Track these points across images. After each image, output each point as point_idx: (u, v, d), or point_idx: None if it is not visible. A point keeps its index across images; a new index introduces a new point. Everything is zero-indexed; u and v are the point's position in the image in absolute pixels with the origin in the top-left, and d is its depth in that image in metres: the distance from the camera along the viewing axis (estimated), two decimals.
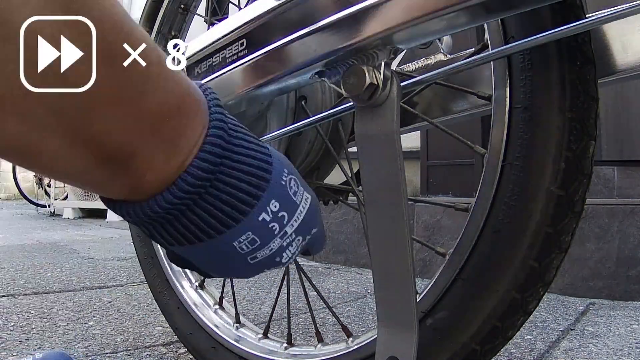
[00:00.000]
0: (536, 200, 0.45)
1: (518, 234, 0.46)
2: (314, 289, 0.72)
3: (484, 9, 0.37)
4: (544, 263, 0.46)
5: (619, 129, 1.76)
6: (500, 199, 0.47)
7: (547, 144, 0.45)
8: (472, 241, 0.48)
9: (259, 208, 0.30)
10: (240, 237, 0.30)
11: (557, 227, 0.45)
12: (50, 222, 4.13)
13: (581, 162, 0.45)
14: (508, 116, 0.47)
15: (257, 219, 0.30)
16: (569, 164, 0.45)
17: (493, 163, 0.48)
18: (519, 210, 0.46)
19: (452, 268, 0.49)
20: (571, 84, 0.44)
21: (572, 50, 0.44)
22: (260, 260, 0.32)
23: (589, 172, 0.46)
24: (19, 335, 0.95)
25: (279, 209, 0.31)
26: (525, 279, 0.46)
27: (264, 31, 0.46)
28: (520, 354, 0.91)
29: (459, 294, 0.49)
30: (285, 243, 0.33)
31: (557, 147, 0.45)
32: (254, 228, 0.30)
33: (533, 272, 0.46)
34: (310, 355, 0.66)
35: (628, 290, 1.37)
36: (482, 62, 0.45)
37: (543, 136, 0.45)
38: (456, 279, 0.49)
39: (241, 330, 0.76)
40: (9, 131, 0.21)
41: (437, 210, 1.77)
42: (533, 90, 0.46)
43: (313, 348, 0.66)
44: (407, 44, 0.43)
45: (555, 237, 0.45)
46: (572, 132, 0.44)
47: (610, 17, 0.37)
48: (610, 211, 1.43)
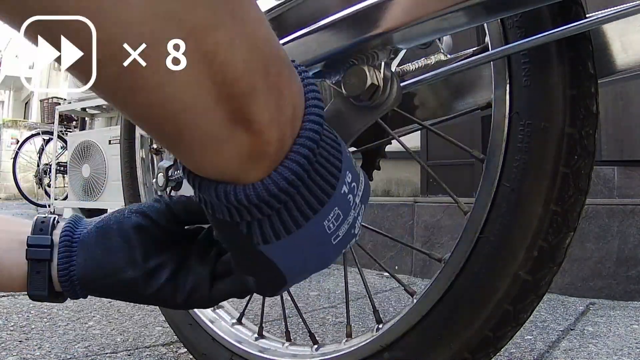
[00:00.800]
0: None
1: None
2: (289, 295, 0.72)
3: (484, 9, 0.37)
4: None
5: (619, 129, 1.76)
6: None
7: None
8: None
9: (341, 180, 0.29)
10: (330, 215, 0.29)
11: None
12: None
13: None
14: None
15: (341, 191, 0.29)
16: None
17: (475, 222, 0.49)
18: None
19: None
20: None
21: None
22: (341, 239, 0.32)
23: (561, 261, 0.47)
24: (19, 335, 0.95)
25: (352, 179, 0.31)
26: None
27: None
28: (520, 354, 0.91)
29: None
30: (357, 214, 0.32)
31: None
32: (339, 202, 0.29)
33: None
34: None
35: (628, 290, 1.37)
36: (482, 62, 0.45)
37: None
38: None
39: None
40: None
41: (437, 210, 1.77)
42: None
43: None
44: (407, 44, 0.43)
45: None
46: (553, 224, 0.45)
47: (610, 17, 0.37)
48: (610, 211, 1.43)
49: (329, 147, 0.29)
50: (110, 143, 3.87)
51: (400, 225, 1.91)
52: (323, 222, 0.29)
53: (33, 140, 5.55)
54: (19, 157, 5.54)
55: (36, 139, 5.50)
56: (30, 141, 5.58)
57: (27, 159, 5.67)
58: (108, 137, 3.87)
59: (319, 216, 0.29)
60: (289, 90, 0.26)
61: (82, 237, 0.40)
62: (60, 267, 0.39)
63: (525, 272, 0.45)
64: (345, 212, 0.30)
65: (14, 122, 8.01)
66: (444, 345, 0.49)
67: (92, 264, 0.39)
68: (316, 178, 0.28)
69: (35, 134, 5.55)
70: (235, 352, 0.71)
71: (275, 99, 0.25)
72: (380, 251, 1.89)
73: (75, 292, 0.40)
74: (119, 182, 1.05)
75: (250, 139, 0.24)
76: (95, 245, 0.39)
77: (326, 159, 0.28)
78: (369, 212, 1.99)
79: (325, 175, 0.28)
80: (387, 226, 1.94)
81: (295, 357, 0.66)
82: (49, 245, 0.39)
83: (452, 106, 0.68)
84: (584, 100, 0.44)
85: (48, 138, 5.29)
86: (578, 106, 0.44)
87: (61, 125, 5.13)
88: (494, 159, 0.48)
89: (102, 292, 0.40)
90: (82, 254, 0.39)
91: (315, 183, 0.28)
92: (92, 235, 0.40)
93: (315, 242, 0.30)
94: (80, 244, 0.39)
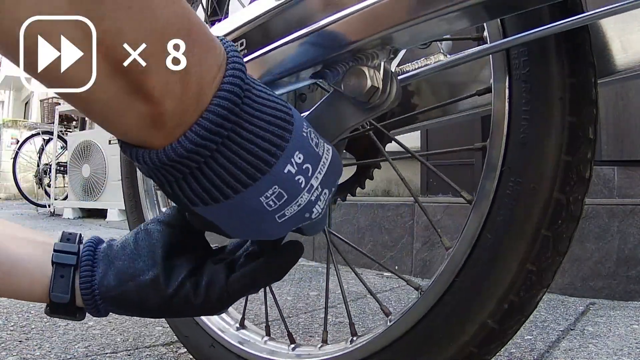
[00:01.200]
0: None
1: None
2: (272, 294, 0.73)
3: (484, 9, 0.37)
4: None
5: (619, 129, 1.76)
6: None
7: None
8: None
9: (284, 159, 0.29)
10: (267, 192, 0.30)
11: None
12: (50, 222, 4.13)
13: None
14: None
15: (283, 170, 0.30)
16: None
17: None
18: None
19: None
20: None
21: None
22: (288, 218, 0.32)
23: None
24: (19, 335, 0.95)
25: (304, 160, 0.31)
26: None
27: (263, 31, 0.46)
28: (520, 354, 0.91)
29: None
30: (313, 197, 0.32)
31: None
32: (280, 181, 0.30)
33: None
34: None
35: (628, 290, 1.37)
36: (480, 55, 0.45)
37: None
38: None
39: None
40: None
41: (437, 210, 1.77)
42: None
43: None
44: (407, 44, 0.43)
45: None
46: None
47: (608, 13, 0.37)
48: (610, 211, 1.43)
49: (263, 123, 0.29)
50: (110, 143, 3.87)
51: (400, 225, 1.91)
52: (259, 198, 0.30)
53: (33, 140, 5.55)
54: (19, 157, 5.54)
55: (36, 139, 5.50)
56: (30, 141, 5.58)
57: (27, 159, 5.67)
58: (108, 137, 3.87)
59: (251, 191, 0.29)
60: (199, 69, 0.27)
61: (103, 251, 0.41)
62: (82, 274, 0.40)
63: (494, 322, 0.46)
64: (291, 193, 0.30)
65: (14, 122, 8.01)
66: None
67: (113, 271, 0.40)
68: (240, 152, 0.28)
69: (35, 134, 5.55)
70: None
71: (180, 78, 0.26)
72: (380, 251, 1.90)
73: (96, 304, 0.41)
74: (119, 182, 1.05)
75: (146, 108, 0.26)
76: (115, 255, 0.41)
77: (255, 134, 0.29)
78: (369, 212, 2.00)
79: (254, 150, 0.29)
80: (387, 226, 1.94)
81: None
82: (75, 252, 0.41)
83: (451, 106, 0.68)
84: (577, 166, 0.44)
85: (48, 138, 5.29)
86: (571, 172, 0.44)
87: (61, 125, 5.14)
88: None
89: (121, 302, 0.40)
90: (103, 264, 0.41)
91: (240, 156, 0.28)
92: (113, 247, 0.41)
93: (253, 216, 0.31)
94: (102, 256, 0.41)
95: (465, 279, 0.48)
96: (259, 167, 0.29)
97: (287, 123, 0.30)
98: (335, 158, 0.35)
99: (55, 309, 0.40)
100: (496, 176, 0.47)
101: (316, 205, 0.33)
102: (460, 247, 0.50)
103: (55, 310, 0.41)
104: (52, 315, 0.41)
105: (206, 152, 0.28)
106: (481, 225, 0.48)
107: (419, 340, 0.51)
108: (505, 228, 0.46)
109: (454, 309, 0.49)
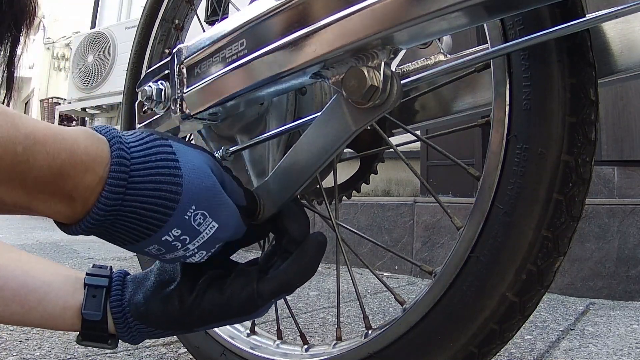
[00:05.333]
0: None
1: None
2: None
3: (484, 9, 0.37)
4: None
5: (619, 129, 1.76)
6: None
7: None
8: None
9: (160, 233, 0.38)
10: (149, 247, 0.39)
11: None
12: (50, 221, 4.09)
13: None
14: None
15: (161, 238, 0.38)
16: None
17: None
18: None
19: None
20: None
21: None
22: (168, 259, 0.42)
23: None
24: (19, 335, 0.95)
25: (181, 234, 0.39)
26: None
27: (264, 31, 0.46)
28: (520, 354, 0.91)
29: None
30: (188, 254, 0.41)
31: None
32: (159, 243, 0.39)
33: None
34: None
35: (628, 290, 1.37)
36: (481, 60, 0.45)
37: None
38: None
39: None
40: None
41: (437, 210, 1.77)
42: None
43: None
44: (407, 44, 0.43)
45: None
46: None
47: (609, 16, 0.37)
48: (610, 211, 1.43)
49: (143, 212, 0.37)
50: None
51: (400, 225, 1.91)
52: (145, 249, 0.40)
53: None
54: None
55: None
56: None
57: None
58: None
59: (142, 243, 0.39)
60: (80, 190, 0.35)
61: (132, 276, 0.48)
62: (113, 293, 0.46)
63: (513, 294, 0.46)
64: (168, 250, 0.40)
65: None
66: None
67: (142, 290, 0.46)
68: (128, 225, 0.37)
69: None
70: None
71: (63, 202, 0.35)
72: (380, 251, 1.90)
73: (127, 322, 0.45)
74: None
75: (56, 217, 0.37)
76: (144, 277, 0.47)
77: (136, 219, 0.37)
78: (369, 212, 2.00)
79: (136, 228, 0.37)
80: (387, 226, 1.94)
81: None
82: (107, 275, 0.47)
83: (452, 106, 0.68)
84: (582, 127, 0.44)
85: None
86: (577, 133, 0.44)
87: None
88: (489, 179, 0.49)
89: (150, 316, 0.45)
90: (132, 285, 0.47)
91: (129, 228, 0.37)
92: (140, 274, 0.48)
93: (150, 255, 0.41)
94: (131, 279, 0.48)
95: (481, 253, 0.47)
96: (140, 237, 0.38)
97: (164, 215, 0.37)
98: (221, 230, 0.41)
99: (87, 330, 0.44)
100: (502, 146, 0.47)
101: (191, 258, 0.42)
102: (472, 223, 0.49)
103: (87, 334, 0.45)
104: (83, 341, 0.45)
105: (105, 224, 0.36)
106: (492, 197, 0.47)
107: (437, 323, 0.50)
108: (517, 196, 0.45)
109: (470, 286, 0.47)
